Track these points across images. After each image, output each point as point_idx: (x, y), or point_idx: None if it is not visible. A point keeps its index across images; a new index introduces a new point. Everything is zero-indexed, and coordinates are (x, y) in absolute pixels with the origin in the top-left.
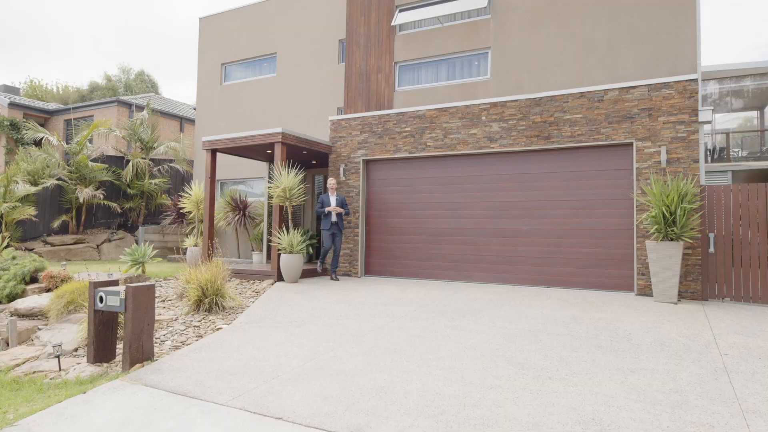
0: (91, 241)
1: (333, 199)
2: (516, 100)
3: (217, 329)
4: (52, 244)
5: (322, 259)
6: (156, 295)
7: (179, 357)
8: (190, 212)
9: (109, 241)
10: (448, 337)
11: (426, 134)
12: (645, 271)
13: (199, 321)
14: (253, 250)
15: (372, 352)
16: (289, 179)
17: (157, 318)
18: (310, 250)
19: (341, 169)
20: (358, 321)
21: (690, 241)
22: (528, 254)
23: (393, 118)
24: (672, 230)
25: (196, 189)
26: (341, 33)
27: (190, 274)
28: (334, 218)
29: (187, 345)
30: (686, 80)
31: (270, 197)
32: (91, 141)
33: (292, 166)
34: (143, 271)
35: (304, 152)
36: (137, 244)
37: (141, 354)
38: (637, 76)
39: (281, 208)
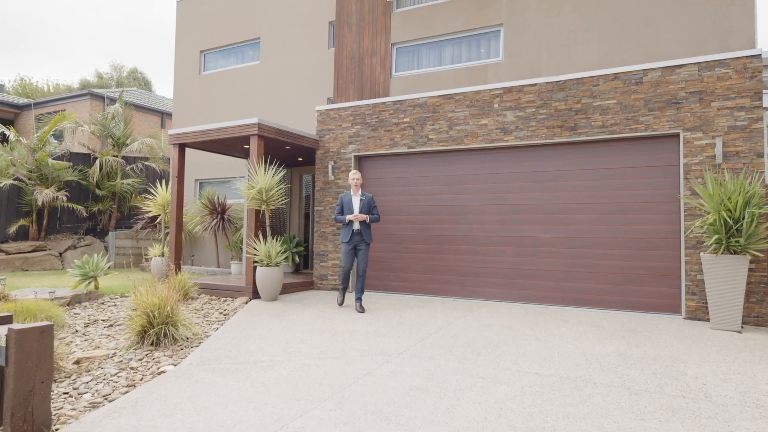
0: (53, 249)
1: (357, 201)
2: (535, 84)
3: (159, 373)
4: (7, 252)
5: (342, 289)
6: (103, 318)
7: (88, 426)
8: (156, 216)
9: (75, 248)
10: (461, 391)
11: (428, 126)
12: (696, 290)
13: (140, 360)
14: (232, 258)
15: (356, 419)
16: (266, 179)
17: (89, 355)
18: (297, 259)
19: (330, 166)
20: (342, 361)
21: (759, 254)
22: (549, 267)
23: (389, 107)
24: (735, 241)
25: (163, 190)
26: (331, 14)
27: (138, 296)
28: (356, 226)
29: (111, 401)
30: (746, 56)
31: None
32: (60, 137)
33: (274, 164)
34: (96, 287)
35: (288, 147)
36: (107, 250)
37: (30, 425)
38: (680, 55)
39: (257, 212)
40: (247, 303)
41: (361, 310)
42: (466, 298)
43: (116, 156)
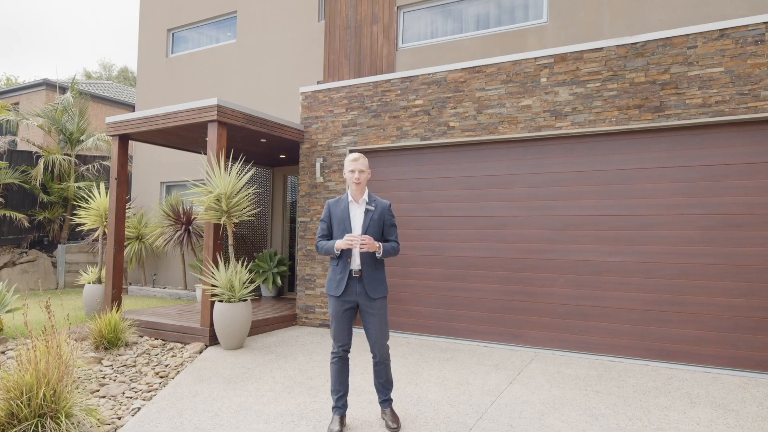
0: None
1: (358, 212)
2: (600, 49)
3: None
4: None
5: (337, 402)
6: None
7: None
8: (93, 229)
9: (14, 264)
10: None
11: (448, 109)
12: None
13: None
14: (199, 280)
15: None
16: (227, 181)
17: None
18: (279, 281)
19: (317, 165)
20: None
21: None
22: (620, 304)
23: (396, 87)
24: None
25: (102, 197)
26: None
27: (5, 370)
28: (356, 265)
29: None
30: None
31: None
32: (6, 132)
33: (240, 161)
34: None
35: (264, 140)
36: (54, 267)
37: None
38: None
39: (216, 227)
40: (200, 353)
41: (395, 426)
42: (502, 344)
43: (68, 155)
